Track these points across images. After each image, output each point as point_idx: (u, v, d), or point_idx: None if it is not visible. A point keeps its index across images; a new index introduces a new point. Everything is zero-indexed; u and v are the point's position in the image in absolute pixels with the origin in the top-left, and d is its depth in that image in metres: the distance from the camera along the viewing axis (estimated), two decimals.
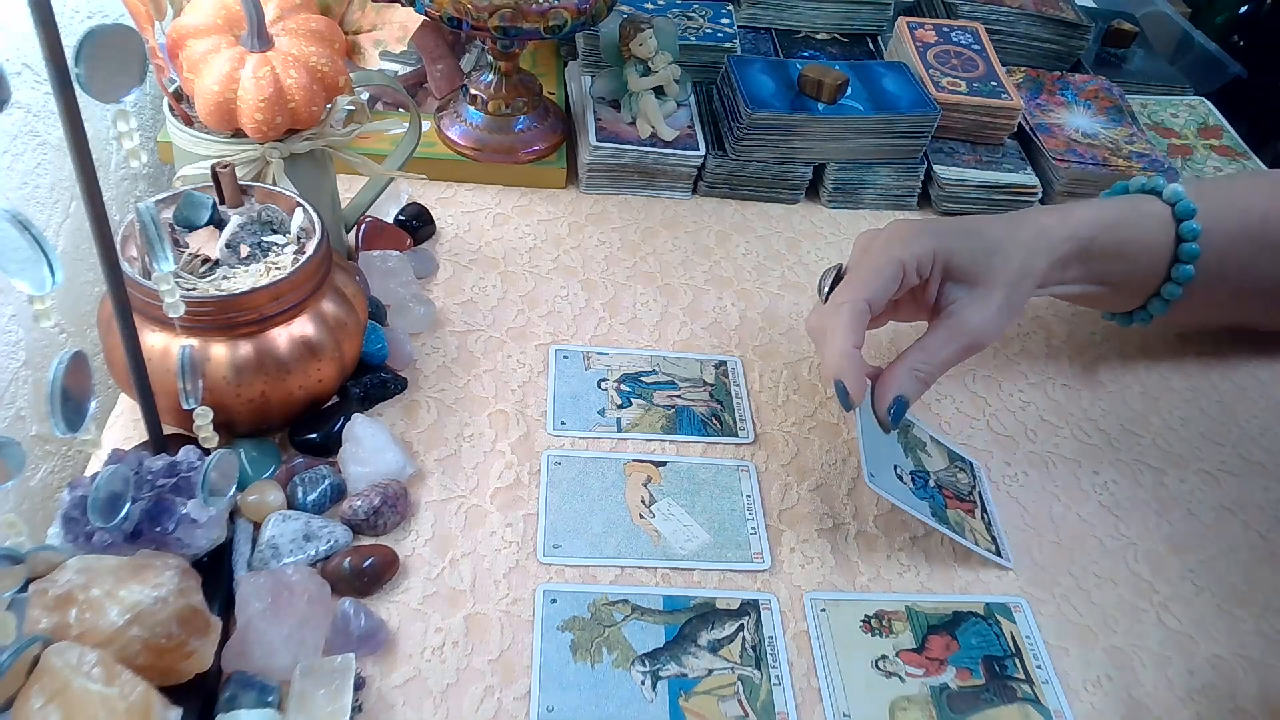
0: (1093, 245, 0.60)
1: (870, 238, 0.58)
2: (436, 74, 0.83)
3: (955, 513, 0.57)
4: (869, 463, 0.53)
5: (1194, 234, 0.61)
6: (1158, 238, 0.61)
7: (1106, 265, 0.61)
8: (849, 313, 0.54)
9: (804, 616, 0.52)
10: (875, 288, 0.55)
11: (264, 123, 0.55)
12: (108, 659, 0.38)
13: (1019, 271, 0.57)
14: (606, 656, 0.49)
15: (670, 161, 0.79)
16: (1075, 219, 0.60)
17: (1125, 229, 0.61)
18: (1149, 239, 0.61)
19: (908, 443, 0.59)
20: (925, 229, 0.57)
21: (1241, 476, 0.63)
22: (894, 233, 0.57)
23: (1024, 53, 0.97)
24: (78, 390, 0.38)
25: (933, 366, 0.55)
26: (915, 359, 0.55)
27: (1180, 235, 0.61)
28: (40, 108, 0.66)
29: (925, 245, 0.56)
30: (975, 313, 0.56)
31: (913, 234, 0.56)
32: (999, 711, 0.49)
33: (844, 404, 0.53)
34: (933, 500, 0.56)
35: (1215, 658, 0.53)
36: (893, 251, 0.55)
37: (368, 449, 0.54)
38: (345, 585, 0.49)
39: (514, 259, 0.72)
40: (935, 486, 0.57)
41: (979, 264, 0.56)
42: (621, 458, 0.59)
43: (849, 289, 0.55)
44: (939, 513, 0.56)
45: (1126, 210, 0.61)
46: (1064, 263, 0.60)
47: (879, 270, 0.55)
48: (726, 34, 0.89)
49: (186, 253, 0.52)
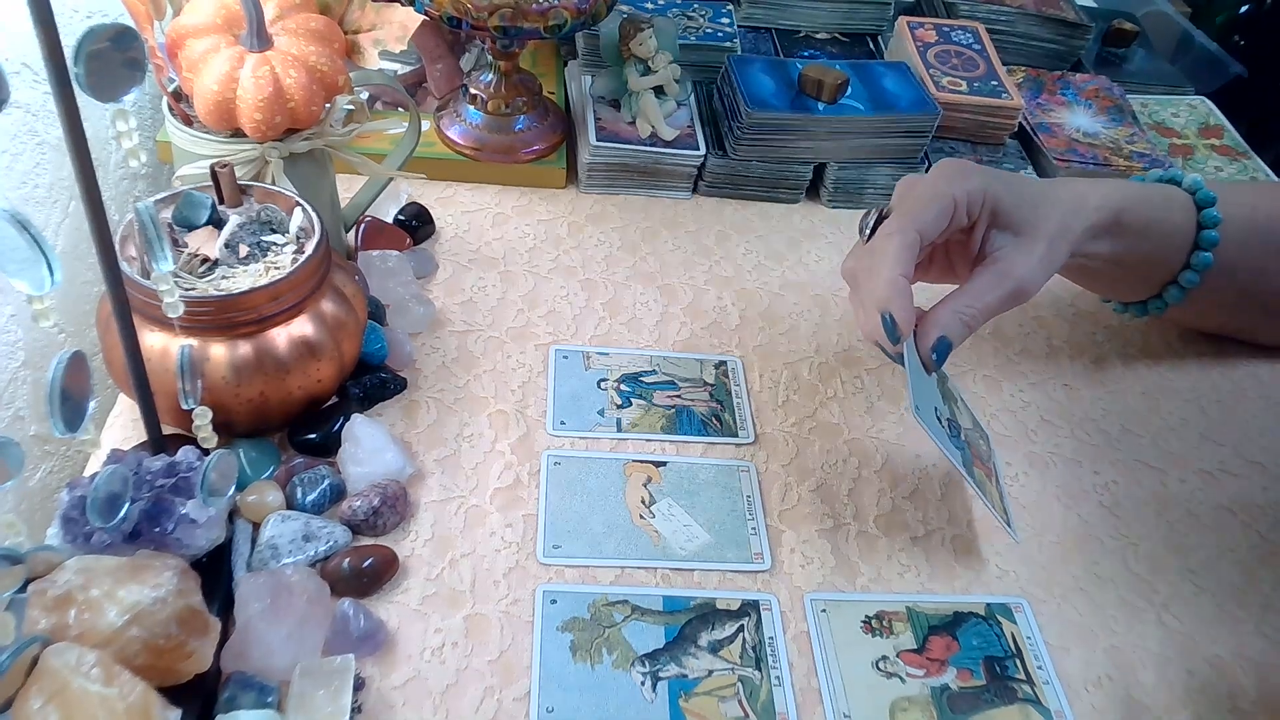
0: (1122, 217, 0.59)
1: (915, 179, 0.56)
2: (436, 73, 0.83)
3: (979, 472, 0.56)
4: (915, 395, 0.51)
5: (1214, 221, 0.61)
6: (1181, 221, 0.61)
7: (1132, 243, 0.60)
8: (899, 242, 0.51)
9: (804, 617, 0.52)
10: (926, 220, 0.53)
11: (263, 122, 0.55)
12: (107, 659, 0.38)
13: (1059, 228, 0.56)
14: (606, 657, 0.49)
15: (670, 161, 0.79)
16: (1107, 188, 0.59)
17: (1152, 207, 0.60)
18: (1174, 220, 0.61)
19: (945, 392, 0.57)
20: (974, 169, 0.55)
21: (1241, 476, 0.63)
22: (943, 169, 0.55)
23: (1024, 52, 0.97)
24: (77, 390, 0.38)
25: (977, 310, 0.53)
26: (960, 302, 0.53)
27: (1201, 222, 0.61)
28: (39, 107, 0.66)
29: (976, 184, 0.54)
30: (1021, 261, 0.54)
31: (963, 172, 0.54)
32: (1000, 712, 0.49)
33: (890, 336, 0.51)
34: (963, 453, 0.55)
35: (1215, 658, 0.53)
36: (944, 186, 0.54)
37: (367, 449, 0.54)
38: (345, 586, 0.49)
39: (514, 259, 0.72)
40: (965, 442, 0.57)
41: (1024, 212, 0.55)
42: (621, 458, 0.59)
43: (898, 220, 0.53)
44: (968, 465, 0.55)
45: (1152, 190, 0.61)
46: (1094, 232, 0.58)
47: (929, 203, 0.53)
48: (726, 34, 0.89)
49: (185, 252, 0.52)
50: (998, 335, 0.72)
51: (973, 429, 0.59)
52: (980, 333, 0.71)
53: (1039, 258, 0.55)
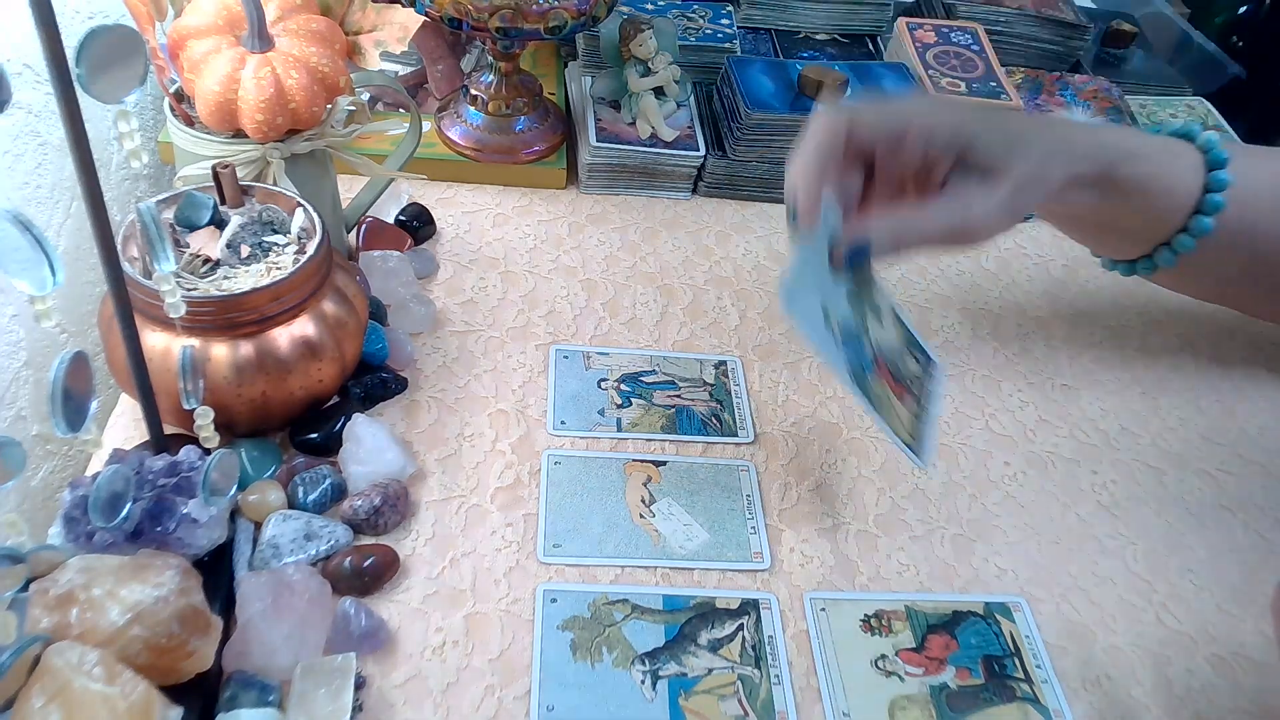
0: (1114, 171, 0.54)
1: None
2: (437, 74, 0.83)
3: (881, 388, 0.51)
4: (794, 280, 0.47)
5: (1222, 185, 0.56)
6: (1184, 180, 0.56)
7: (1123, 200, 0.56)
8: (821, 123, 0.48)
9: (804, 616, 0.52)
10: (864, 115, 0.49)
11: (265, 123, 0.55)
12: (108, 658, 0.38)
13: (1032, 174, 0.52)
14: (606, 656, 0.49)
15: (670, 162, 0.79)
16: (1104, 138, 0.55)
17: (1152, 163, 0.55)
18: (1174, 180, 0.56)
19: (859, 297, 0.52)
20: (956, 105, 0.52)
21: (1241, 476, 0.63)
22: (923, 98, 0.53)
23: (1023, 53, 0.97)
24: (79, 390, 0.38)
25: (911, 232, 0.50)
26: (900, 215, 0.50)
27: (1208, 185, 0.56)
28: (41, 108, 0.66)
29: (945, 120, 0.51)
30: (977, 201, 0.51)
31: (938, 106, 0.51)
32: (998, 711, 0.49)
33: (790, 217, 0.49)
34: (858, 361, 0.51)
35: (1215, 658, 0.53)
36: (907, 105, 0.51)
37: (368, 449, 0.54)
38: (346, 585, 0.49)
39: (514, 259, 0.72)
40: (871, 355, 0.52)
41: (996, 151, 0.51)
42: (621, 457, 0.59)
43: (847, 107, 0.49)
44: (859, 376, 0.50)
45: (1157, 145, 0.56)
46: (1079, 181, 0.54)
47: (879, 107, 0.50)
48: (726, 34, 0.89)
49: (187, 253, 0.53)
50: (996, 335, 0.72)
51: (894, 348, 0.54)
52: (979, 332, 0.71)
53: (997, 201, 0.51)
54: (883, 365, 0.52)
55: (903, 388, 0.53)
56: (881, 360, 0.52)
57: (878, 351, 0.52)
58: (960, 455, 0.62)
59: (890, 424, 0.51)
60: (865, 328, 0.52)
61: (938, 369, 0.58)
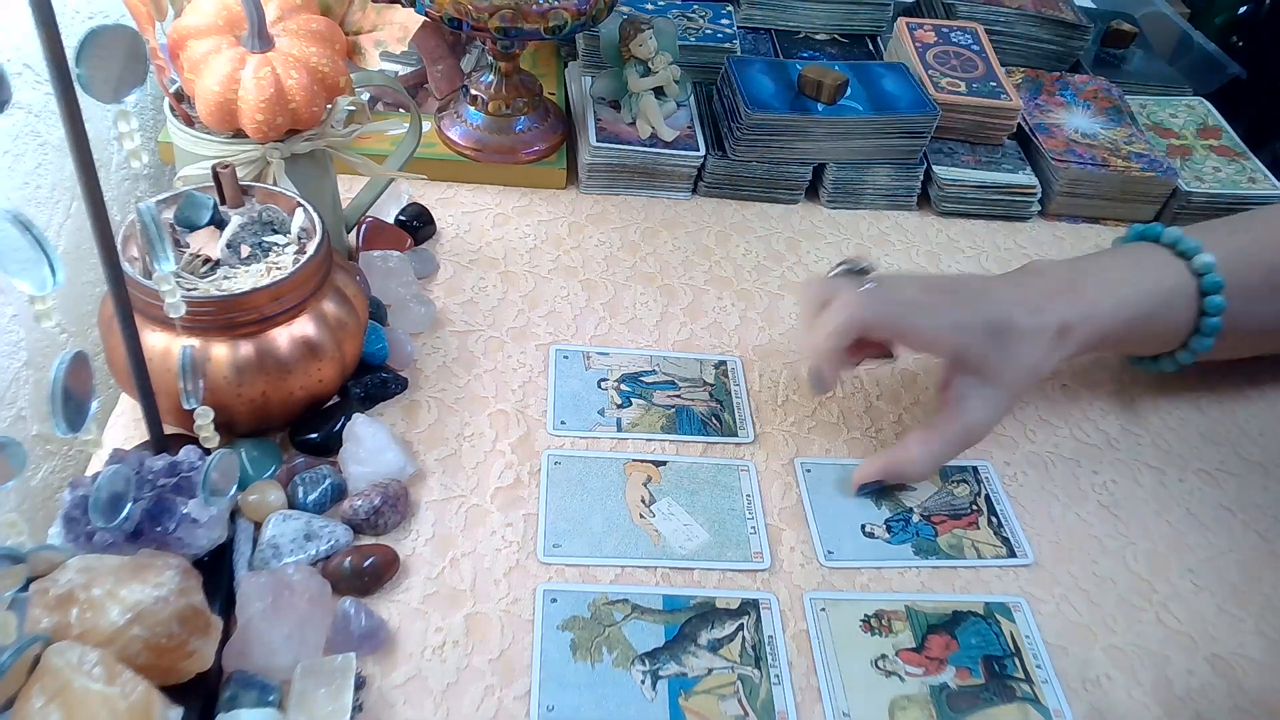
0: (1111, 334, 0.58)
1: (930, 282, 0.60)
2: (437, 74, 0.83)
3: (949, 536, 0.57)
4: (825, 542, 0.55)
5: (1217, 308, 0.59)
6: (1181, 315, 0.60)
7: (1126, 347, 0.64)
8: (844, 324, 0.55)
9: (804, 616, 0.52)
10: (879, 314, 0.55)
11: (265, 123, 0.55)
12: (109, 658, 0.38)
13: (1029, 372, 0.57)
14: (606, 656, 0.49)
15: (670, 162, 0.79)
16: (1099, 317, 0.57)
17: (1149, 320, 0.59)
18: (1173, 317, 0.60)
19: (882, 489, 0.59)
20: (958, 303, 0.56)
21: (1240, 476, 0.63)
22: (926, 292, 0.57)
23: (1023, 53, 0.97)
24: (79, 390, 0.38)
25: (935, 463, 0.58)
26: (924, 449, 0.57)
27: (1204, 309, 0.59)
28: (41, 108, 0.66)
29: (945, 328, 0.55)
30: (977, 410, 0.57)
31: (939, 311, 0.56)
32: (998, 711, 0.49)
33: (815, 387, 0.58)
34: (916, 537, 0.56)
35: (1215, 658, 0.53)
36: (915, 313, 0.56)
37: (368, 449, 0.54)
38: (346, 585, 0.49)
39: (514, 259, 0.72)
40: (921, 519, 0.57)
41: (989, 362, 0.56)
42: (621, 457, 0.59)
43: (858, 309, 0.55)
44: (925, 547, 0.56)
45: (1151, 293, 0.59)
46: (1079, 351, 0.59)
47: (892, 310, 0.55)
48: (726, 34, 0.89)
49: (187, 253, 0.53)
50: None
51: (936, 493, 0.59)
52: None
53: (995, 407, 0.57)
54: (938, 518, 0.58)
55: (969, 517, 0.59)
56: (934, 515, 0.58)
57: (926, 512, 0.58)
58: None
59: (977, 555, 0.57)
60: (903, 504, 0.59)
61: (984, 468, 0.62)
